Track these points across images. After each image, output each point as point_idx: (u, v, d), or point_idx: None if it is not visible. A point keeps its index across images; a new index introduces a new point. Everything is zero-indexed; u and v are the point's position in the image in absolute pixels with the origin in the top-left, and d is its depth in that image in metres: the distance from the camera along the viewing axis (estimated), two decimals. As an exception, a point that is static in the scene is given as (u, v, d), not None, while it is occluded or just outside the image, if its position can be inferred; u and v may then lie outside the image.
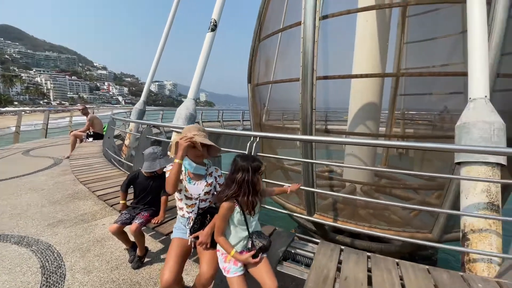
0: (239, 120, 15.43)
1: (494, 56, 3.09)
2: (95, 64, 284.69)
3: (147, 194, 2.35)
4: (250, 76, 7.01)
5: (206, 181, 1.84)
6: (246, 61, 7.21)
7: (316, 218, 4.57)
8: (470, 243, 2.00)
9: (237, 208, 1.54)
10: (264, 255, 1.59)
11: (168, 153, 2.52)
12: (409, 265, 1.71)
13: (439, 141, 5.65)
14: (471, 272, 1.94)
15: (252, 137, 2.47)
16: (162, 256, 2.47)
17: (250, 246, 1.57)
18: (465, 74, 4.11)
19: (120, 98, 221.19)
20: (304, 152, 4.89)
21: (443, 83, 5.51)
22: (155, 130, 9.19)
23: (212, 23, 4.51)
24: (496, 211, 1.96)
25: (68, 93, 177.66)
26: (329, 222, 4.53)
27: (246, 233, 1.58)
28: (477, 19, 2.29)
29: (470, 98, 2.26)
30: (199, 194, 1.81)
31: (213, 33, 4.57)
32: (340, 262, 1.74)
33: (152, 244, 2.64)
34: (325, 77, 5.31)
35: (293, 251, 1.96)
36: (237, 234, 1.58)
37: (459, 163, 2.17)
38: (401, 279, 1.58)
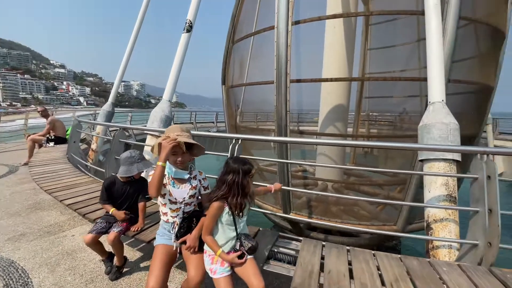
0: (213, 122, 15.23)
1: (445, 63, 3.46)
2: (51, 62, 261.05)
3: (124, 200, 2.25)
4: (224, 77, 7.00)
5: (191, 184, 1.83)
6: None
7: (292, 216, 4.72)
8: (433, 231, 2.23)
9: (226, 209, 1.56)
10: (250, 256, 1.63)
11: (147, 156, 2.44)
12: (384, 256, 1.86)
13: (400, 140, 6.13)
14: (435, 258, 2.17)
15: (234, 140, 2.49)
16: (142, 265, 2.38)
17: (238, 247, 1.60)
18: (423, 79, 4.55)
19: (81, 99, 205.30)
20: (279, 152, 5.02)
21: (402, 87, 6.00)
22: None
23: (187, 24, 4.44)
24: (454, 202, 2.21)
25: (20, 93, 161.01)
26: (305, 219, 4.69)
27: (234, 234, 1.61)
28: (434, 31, 2.57)
29: (429, 102, 2.52)
30: (184, 198, 1.79)
31: (189, 34, 4.49)
32: (323, 258, 1.84)
33: (130, 253, 2.53)
34: (298, 81, 5.50)
35: (276, 250, 2.02)
36: (225, 234, 1.61)
37: (422, 160, 2.41)
38: (378, 269, 1.71)
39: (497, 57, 5.30)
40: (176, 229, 1.75)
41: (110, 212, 2.22)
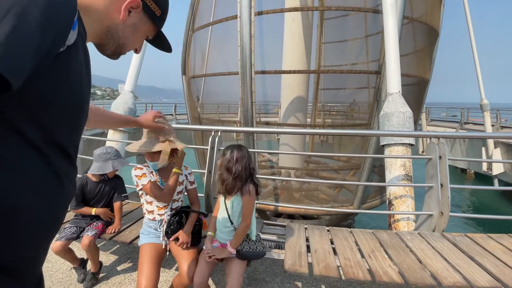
0: (172, 114, 14.42)
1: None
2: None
3: (97, 201, 2.07)
4: (185, 67, 6.71)
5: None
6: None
7: (261, 205, 4.87)
8: (394, 207, 2.56)
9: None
10: (233, 255, 1.59)
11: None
12: (359, 232, 2.08)
13: (352, 129, 6.65)
14: (396, 229, 2.50)
15: (213, 132, 2.46)
16: (119, 268, 2.24)
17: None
18: (373, 72, 4.99)
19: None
20: (246, 143, 5.08)
21: (353, 79, 6.51)
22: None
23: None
24: (410, 180, 2.56)
25: None
26: (290, 207, 4.85)
27: (226, 216, 1.63)
28: (391, 29, 2.85)
29: (388, 93, 2.83)
30: None
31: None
32: (307, 239, 1.97)
33: (103, 257, 2.35)
34: (263, 72, 5.57)
35: (264, 237, 2.09)
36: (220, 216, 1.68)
37: (383, 145, 2.72)
38: (356, 243, 1.91)
39: (431, 53, 6.08)
40: (165, 226, 1.69)
41: (92, 213, 2.03)
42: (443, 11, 5.61)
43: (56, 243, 1.89)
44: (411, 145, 2.64)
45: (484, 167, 10.11)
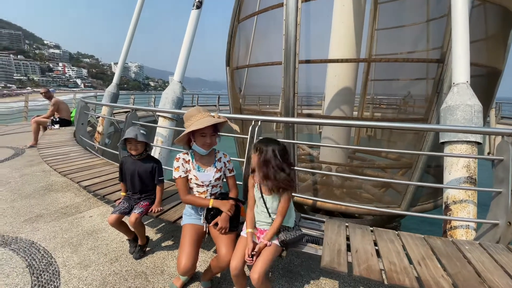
0: (215, 105, 15.06)
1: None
2: (45, 42, 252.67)
3: (133, 177, 2.24)
4: (229, 58, 6.81)
5: (216, 167, 1.83)
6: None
7: (299, 199, 4.78)
8: (452, 212, 2.27)
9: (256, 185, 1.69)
10: (272, 242, 1.63)
11: (160, 138, 2.40)
12: (408, 235, 1.89)
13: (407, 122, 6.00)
14: (452, 237, 2.22)
15: (253, 121, 2.46)
16: (163, 244, 2.42)
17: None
18: (435, 61, 4.43)
19: (78, 81, 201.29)
20: (286, 135, 4.98)
21: (409, 69, 5.87)
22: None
23: (196, 0, 4.24)
24: (474, 184, 2.24)
25: (15, 74, 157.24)
26: (329, 203, 4.70)
27: (265, 210, 1.65)
28: (460, 10, 2.47)
29: (454, 83, 2.48)
30: (210, 181, 1.80)
31: (199, 10, 4.30)
32: (347, 238, 1.87)
33: (151, 233, 2.57)
34: (307, 61, 5.36)
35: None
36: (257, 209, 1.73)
37: (443, 143, 2.41)
38: (404, 248, 1.75)
39: (506, 40, 5.14)
40: (205, 211, 1.76)
41: (121, 194, 2.37)
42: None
43: (111, 216, 2.10)
44: (478, 143, 2.28)
45: None
